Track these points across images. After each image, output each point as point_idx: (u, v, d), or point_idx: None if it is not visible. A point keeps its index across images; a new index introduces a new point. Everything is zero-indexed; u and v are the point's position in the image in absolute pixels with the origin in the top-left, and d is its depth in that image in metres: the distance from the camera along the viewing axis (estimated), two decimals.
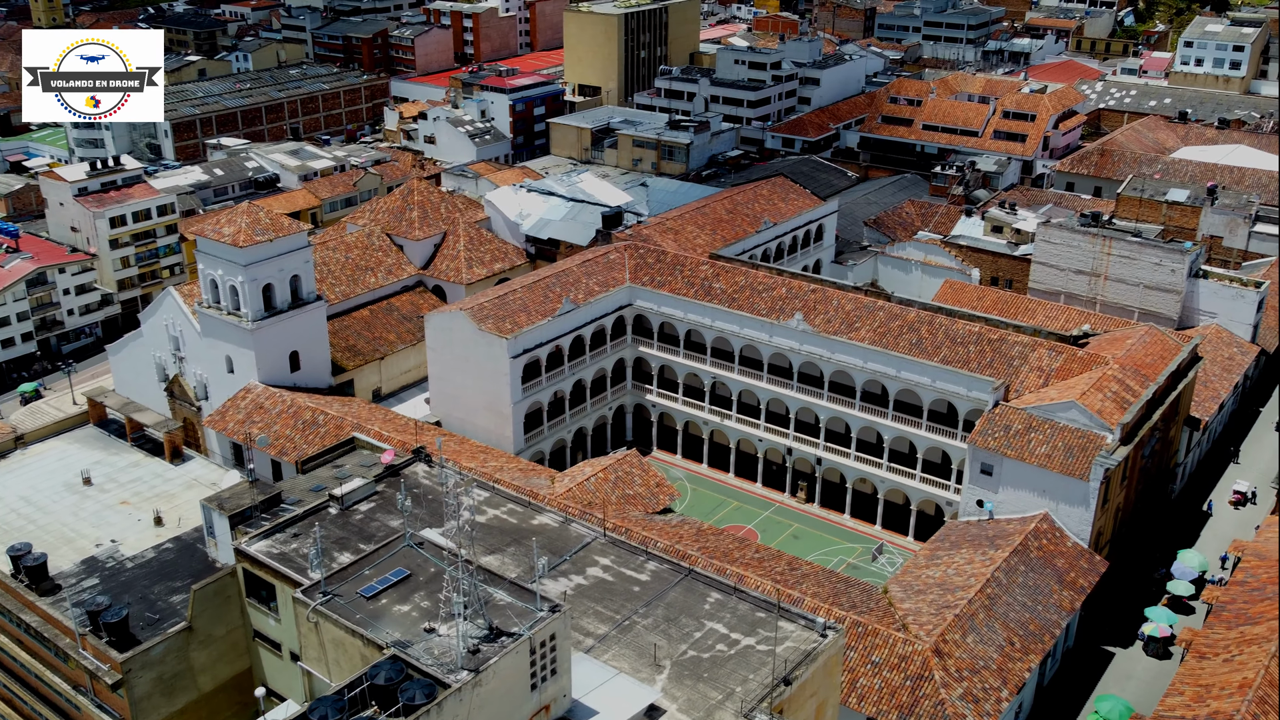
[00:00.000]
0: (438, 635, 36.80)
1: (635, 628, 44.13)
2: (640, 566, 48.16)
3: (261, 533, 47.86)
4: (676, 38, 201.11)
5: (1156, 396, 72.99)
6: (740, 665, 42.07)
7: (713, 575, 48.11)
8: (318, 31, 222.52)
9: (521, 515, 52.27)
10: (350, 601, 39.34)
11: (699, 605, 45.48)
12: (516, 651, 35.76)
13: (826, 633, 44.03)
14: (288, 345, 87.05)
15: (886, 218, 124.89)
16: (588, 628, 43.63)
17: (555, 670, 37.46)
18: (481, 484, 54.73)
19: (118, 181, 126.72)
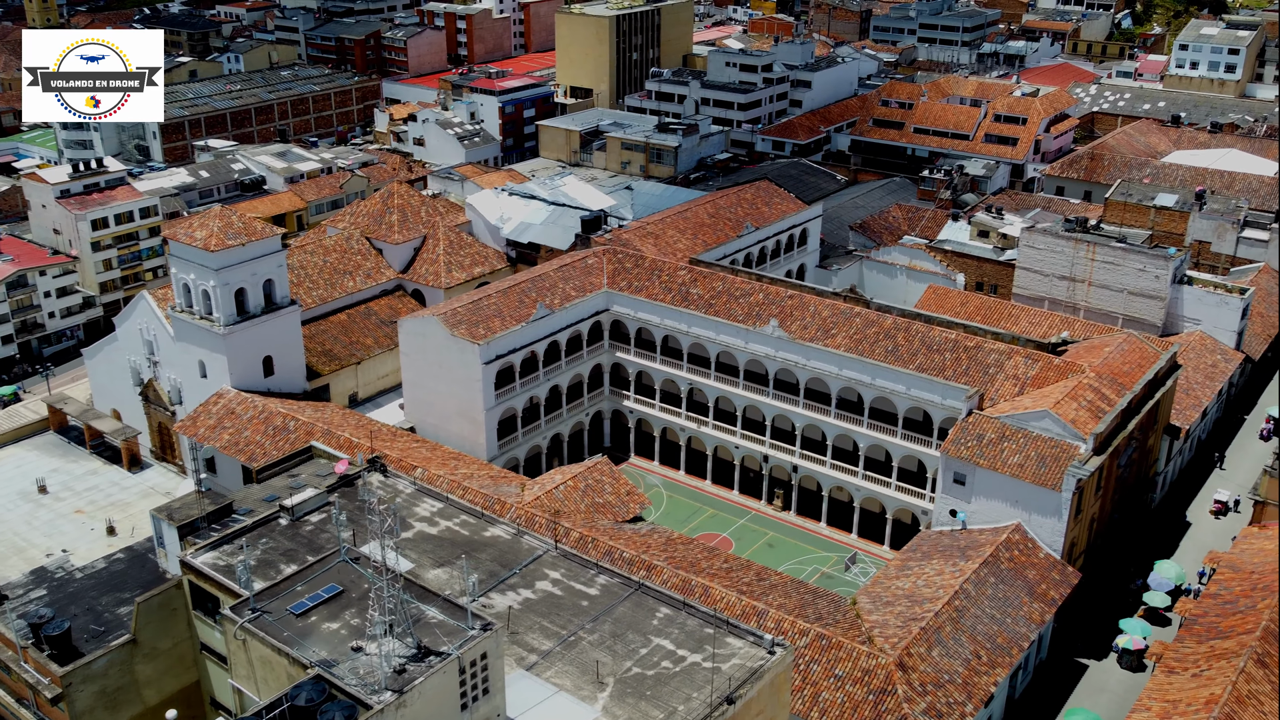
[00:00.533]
0: (365, 654, 36.15)
1: (581, 644, 43.38)
2: (590, 580, 47.43)
3: (208, 544, 47.19)
4: (669, 40, 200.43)
5: (1132, 405, 72.17)
6: (685, 683, 41.32)
7: (662, 590, 47.37)
8: (310, 33, 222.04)
9: (474, 527, 51.55)
10: (279, 618, 38.65)
11: (647, 621, 44.73)
12: (444, 671, 35.07)
13: (775, 649, 43.25)
14: (261, 350, 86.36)
15: (873, 222, 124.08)
16: (532, 643, 42.91)
17: (487, 690, 36.76)
18: (435, 495, 53.98)
19: (100, 184, 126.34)
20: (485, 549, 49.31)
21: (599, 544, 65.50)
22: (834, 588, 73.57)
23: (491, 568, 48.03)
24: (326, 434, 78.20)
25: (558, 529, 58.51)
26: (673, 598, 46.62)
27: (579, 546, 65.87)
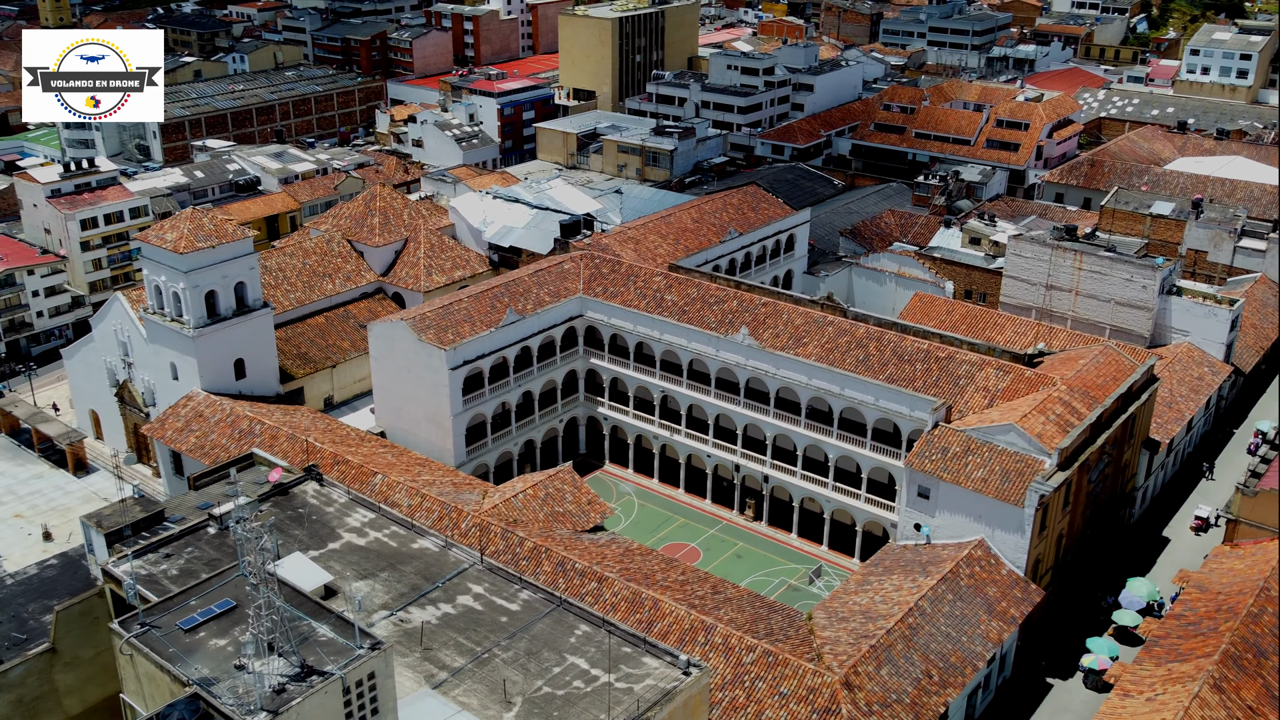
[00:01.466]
0: (248, 673, 35.45)
1: (494, 661, 42.52)
2: (513, 596, 46.59)
3: (132, 552, 46.64)
4: (674, 42, 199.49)
5: (1103, 419, 70.67)
6: (594, 704, 40.38)
7: (583, 607, 46.43)
8: (317, 33, 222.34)
9: (403, 539, 50.81)
10: (168, 634, 37.99)
11: (565, 639, 43.82)
12: (326, 692, 34.31)
13: (690, 670, 42.25)
14: (232, 353, 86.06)
15: (864, 227, 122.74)
16: (444, 660, 42.09)
17: (377, 710, 35.98)
18: (368, 505, 53.28)
19: (92, 183, 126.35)
20: (411, 561, 48.55)
21: (552, 554, 64.66)
22: (799, 600, 72.50)
23: (415, 581, 47.28)
24: (291, 438, 77.79)
25: (483, 542, 57.60)
26: (592, 615, 45.70)
27: (533, 556, 65.18)
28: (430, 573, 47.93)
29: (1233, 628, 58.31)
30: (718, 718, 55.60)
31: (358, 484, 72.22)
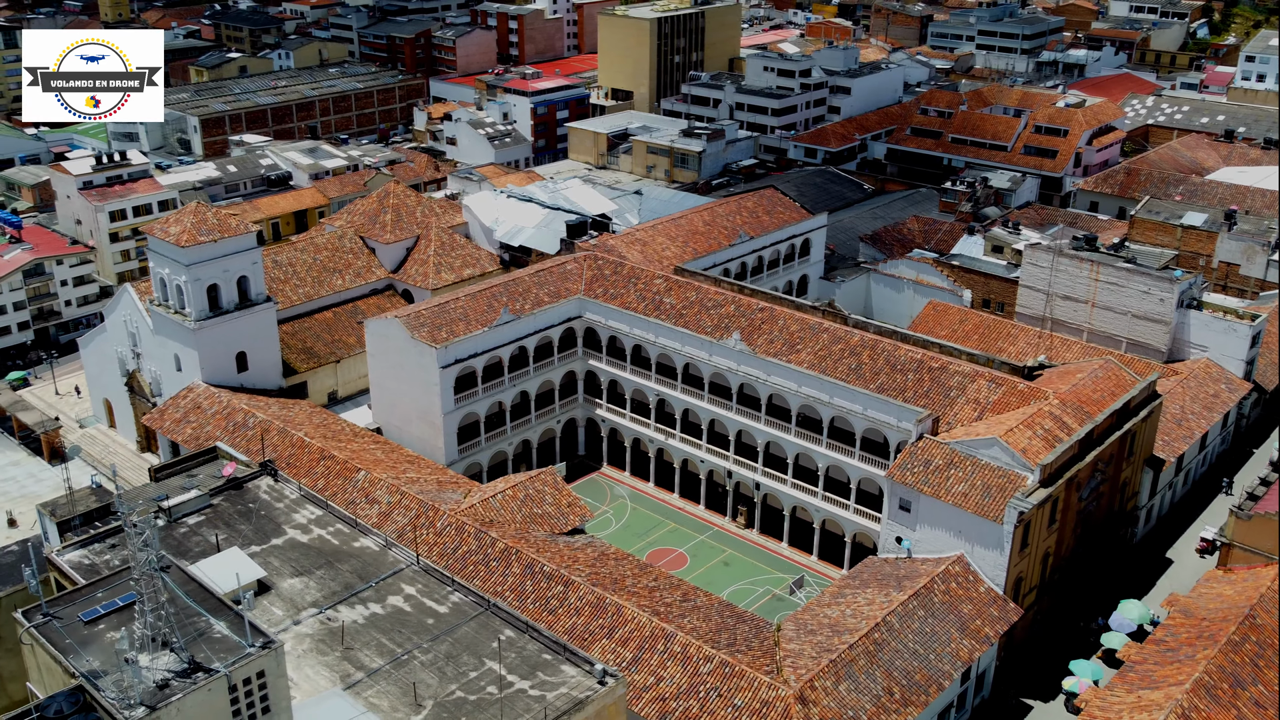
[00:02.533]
0: (137, 666, 35.58)
1: (412, 663, 42.35)
2: (444, 598, 46.37)
3: (78, 541, 47.24)
4: (714, 43, 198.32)
5: (1095, 435, 68.75)
6: (504, 710, 40.00)
7: (511, 611, 46.05)
8: (363, 31, 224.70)
9: (345, 537, 50.85)
10: (69, 625, 38.31)
11: (487, 643, 43.49)
12: (210, 689, 34.34)
13: (606, 680, 41.65)
14: (234, 346, 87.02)
15: (885, 233, 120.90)
16: (363, 660, 42.03)
17: (268, 709, 35.94)
18: (317, 501, 53.42)
19: (123, 176, 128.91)
20: (349, 560, 48.56)
21: (522, 555, 64.43)
22: (781, 611, 71.47)
23: (349, 579, 47.30)
24: (282, 432, 78.47)
25: (417, 541, 57.28)
26: (518, 620, 45.30)
27: (503, 558, 65.00)
28: (366, 572, 47.92)
29: (1210, 656, 56.35)
30: None
31: (340, 479, 72.62)
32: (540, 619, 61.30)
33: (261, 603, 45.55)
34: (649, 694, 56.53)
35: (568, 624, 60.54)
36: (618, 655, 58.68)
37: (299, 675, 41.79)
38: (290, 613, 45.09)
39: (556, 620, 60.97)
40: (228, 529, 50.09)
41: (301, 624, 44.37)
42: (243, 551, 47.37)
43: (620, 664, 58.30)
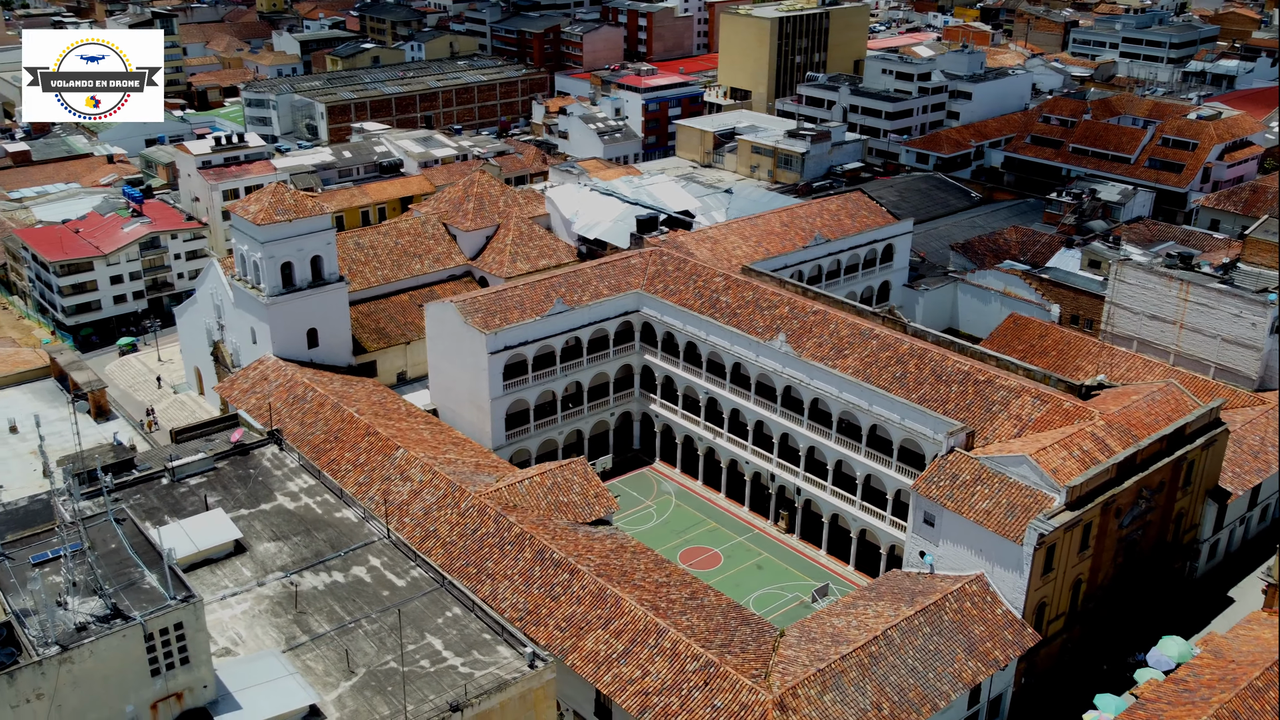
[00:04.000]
0: (64, 610, 37.59)
1: (357, 632, 43.47)
2: (404, 572, 47.37)
3: (86, 493, 50.10)
4: (839, 44, 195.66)
5: (1138, 460, 65.40)
6: (431, 684, 40.65)
7: (462, 589, 46.68)
8: (496, 25, 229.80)
9: (330, 507, 52.45)
10: (18, 566, 40.54)
11: (433, 618, 44.26)
12: (125, 636, 36.04)
13: (536, 664, 41.88)
14: (304, 322, 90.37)
15: (978, 242, 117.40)
16: (311, 625, 43.37)
17: (186, 660, 37.48)
18: (313, 471, 55.23)
19: (240, 157, 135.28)
20: (326, 529, 50.13)
21: (535, 541, 65.18)
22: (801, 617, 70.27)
23: (320, 547, 48.83)
24: (336, 407, 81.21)
25: (388, 516, 58.03)
26: (466, 598, 45.93)
27: (517, 542, 65.93)
28: (339, 541, 49.39)
29: (1224, 700, 53.07)
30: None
31: (380, 456, 74.83)
32: (543, 604, 62.17)
33: (234, 563, 47.57)
34: (633, 687, 56.58)
35: (567, 611, 61.10)
36: (610, 646, 58.95)
37: (249, 634, 43.51)
38: (257, 574, 46.91)
39: (558, 607, 61.61)
40: (224, 491, 52.39)
41: (265, 586, 46.12)
42: (226, 513, 49.53)
43: (611, 655, 58.64)
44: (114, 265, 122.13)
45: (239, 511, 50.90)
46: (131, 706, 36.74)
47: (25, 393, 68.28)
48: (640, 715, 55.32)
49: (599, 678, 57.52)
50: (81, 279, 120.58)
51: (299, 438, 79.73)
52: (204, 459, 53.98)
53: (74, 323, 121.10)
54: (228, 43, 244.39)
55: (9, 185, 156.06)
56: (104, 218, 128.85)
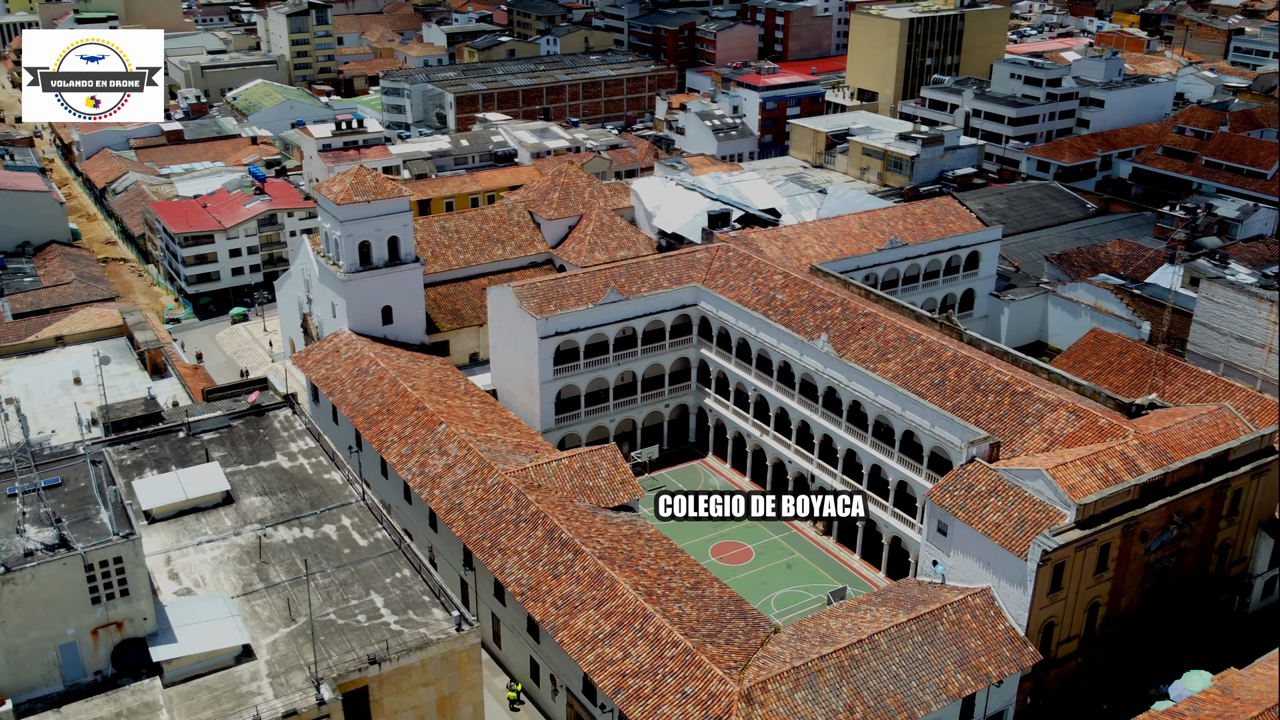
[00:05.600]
0: (20, 537, 40.99)
1: (311, 583, 45.85)
2: (369, 533, 49.67)
3: (107, 440, 54.37)
4: (975, 47, 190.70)
5: (1168, 483, 62.67)
6: (361, 638, 42.67)
7: (415, 553, 48.57)
8: (633, 21, 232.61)
9: (320, 469, 55.25)
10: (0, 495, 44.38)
11: (383, 578, 46.34)
12: (65, 564, 39.20)
13: (462, 627, 43.42)
14: (380, 300, 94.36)
15: (1075, 254, 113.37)
16: (270, 575, 46.03)
17: (127, 592, 40.43)
18: (315, 435, 58.20)
19: (359, 142, 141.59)
20: (311, 488, 52.92)
21: (547, 521, 66.91)
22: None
23: (300, 504, 51.61)
24: (393, 381, 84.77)
25: (363, 480, 60.07)
26: (415, 562, 47.81)
27: (532, 520, 67.84)
28: (319, 500, 52.13)
29: None
30: (620, 700, 56.07)
31: (424, 429, 77.90)
32: (544, 581, 63.88)
33: (219, 512, 50.89)
34: (613, 667, 57.67)
35: (565, 590, 62.61)
36: (598, 627, 60.19)
37: (212, 578, 46.60)
38: (237, 524, 50.08)
39: (558, 585, 63.20)
40: (230, 448, 55.93)
41: (240, 535, 49.21)
42: (222, 467, 52.93)
43: (598, 635, 59.88)
44: (233, 239, 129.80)
45: (238, 467, 54.35)
46: (72, 630, 40.13)
47: (95, 348, 73.73)
48: (614, 695, 56.42)
49: (583, 655, 58.81)
50: (203, 250, 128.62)
51: (356, 408, 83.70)
52: (218, 416, 57.76)
53: (195, 291, 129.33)
54: (381, 33, 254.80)
55: (162, 162, 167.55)
56: (230, 194, 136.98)
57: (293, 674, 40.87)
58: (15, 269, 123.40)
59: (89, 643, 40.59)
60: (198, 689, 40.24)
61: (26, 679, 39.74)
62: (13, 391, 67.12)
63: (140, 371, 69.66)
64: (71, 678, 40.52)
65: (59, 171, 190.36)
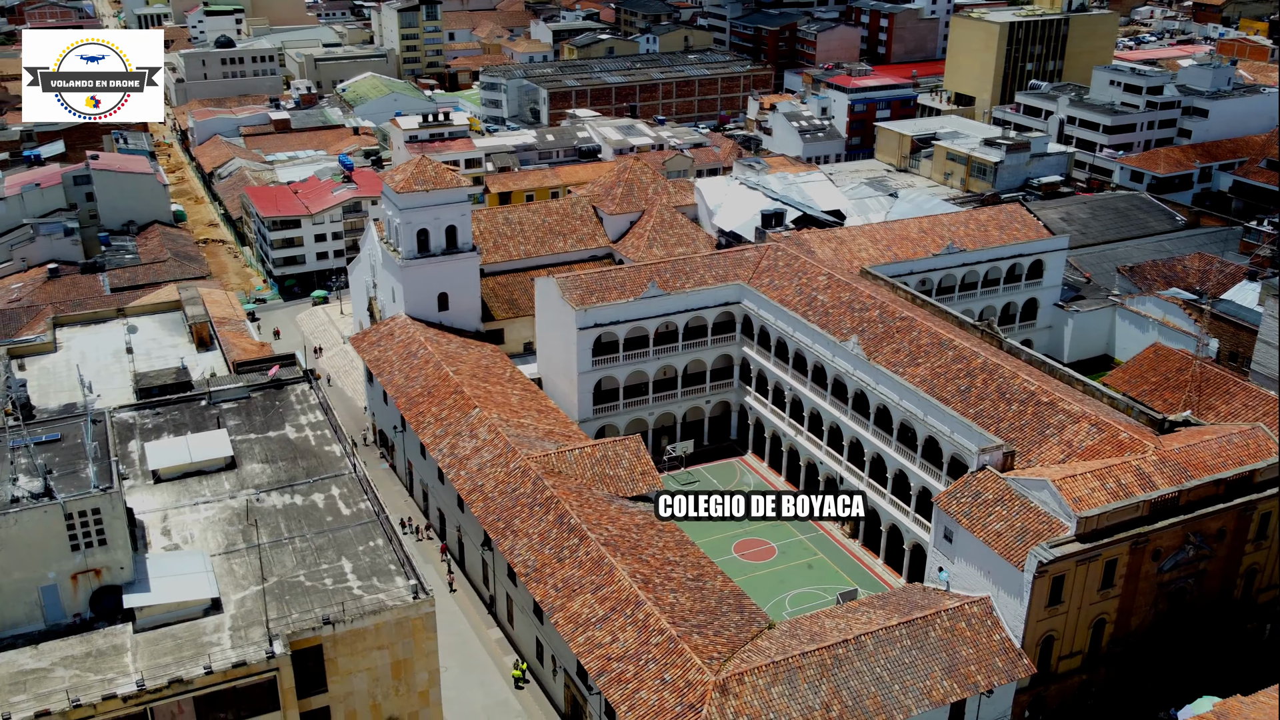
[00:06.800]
0: (13, 486, 44.13)
1: (288, 547, 48.22)
2: (354, 503, 51.87)
3: (133, 405, 57.97)
4: (1079, 53, 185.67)
5: (1181, 501, 60.98)
6: (323, 599, 44.74)
7: (391, 525, 50.51)
8: (735, 21, 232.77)
9: (323, 440, 57.75)
10: (4, 446, 47.58)
11: (355, 546, 48.39)
12: (45, 512, 42.17)
13: (419, 595, 45.17)
14: (436, 286, 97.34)
15: (1150, 267, 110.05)
16: (253, 536, 48.57)
17: (105, 542, 43.26)
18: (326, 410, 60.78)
19: (444, 134, 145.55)
20: (310, 458, 55.41)
21: (559, 506, 68.56)
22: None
23: (296, 473, 54.13)
24: (437, 366, 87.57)
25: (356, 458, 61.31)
26: (388, 532, 49.77)
27: (544, 504, 69.63)
28: (314, 470, 54.61)
29: None
30: (602, 682, 57.37)
31: (458, 412, 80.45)
32: (548, 564, 65.56)
33: (221, 476, 53.86)
34: (600, 650, 58.98)
35: (566, 574, 64.18)
36: (592, 611, 61.58)
37: (200, 536, 49.44)
38: (234, 488, 52.92)
39: (560, 568, 64.81)
40: (245, 417, 58.98)
41: (235, 499, 52.01)
42: (228, 434, 55.96)
43: (591, 619, 61.25)
44: (318, 225, 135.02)
45: (248, 435, 57.37)
46: (53, 574, 43.28)
47: (151, 320, 78.31)
48: (598, 677, 57.73)
49: (574, 637, 60.28)
50: (289, 234, 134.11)
51: (400, 389, 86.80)
52: (239, 388, 60.93)
53: (281, 273, 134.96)
54: (491, 29, 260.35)
55: (268, 149, 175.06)
56: (320, 182, 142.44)
57: (253, 629, 43.33)
58: (118, 246, 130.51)
59: (69, 587, 43.81)
60: (164, 636, 43.04)
61: (10, 616, 43.16)
62: (70, 357, 71.74)
63: (188, 345, 73.58)
64: (52, 618, 43.84)
65: (176, 156, 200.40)
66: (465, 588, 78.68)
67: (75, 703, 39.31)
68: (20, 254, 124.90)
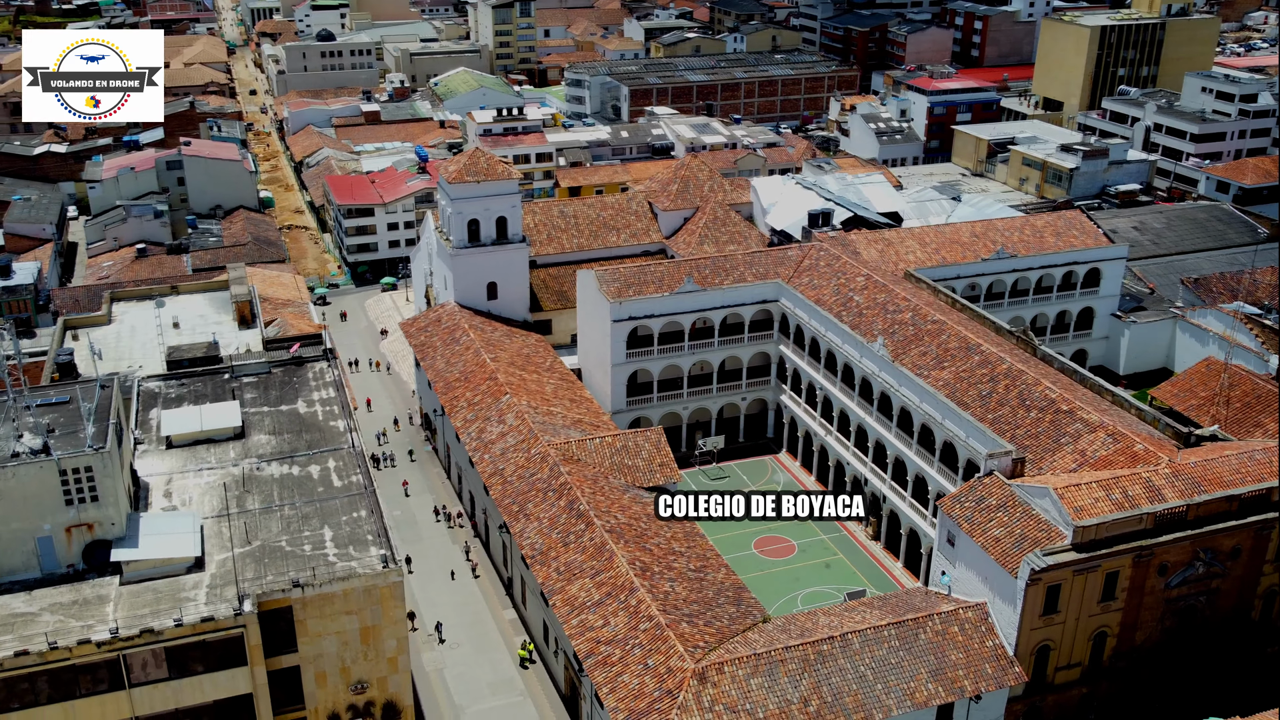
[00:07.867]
0: (18, 441, 47.08)
1: (278, 514, 50.47)
2: (346, 476, 53.93)
3: (160, 375, 61.21)
4: (1175, 59, 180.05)
5: (1189, 515, 59.58)
6: (298, 564, 46.77)
7: (378, 500, 52.40)
8: (825, 21, 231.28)
9: (330, 416, 60.06)
10: (20, 405, 50.59)
11: (343, 516, 50.37)
12: (40, 467, 45.00)
13: (388, 565, 46.89)
14: (486, 275, 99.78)
15: (1216, 280, 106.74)
16: (247, 502, 50.95)
17: (97, 498, 45.94)
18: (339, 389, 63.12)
19: (518, 128, 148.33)
20: (314, 432, 57.74)
21: (570, 492, 70.07)
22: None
23: (298, 445, 56.47)
24: (476, 353, 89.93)
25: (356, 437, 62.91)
26: (373, 506, 51.65)
27: (558, 490, 71.24)
28: (316, 443, 56.91)
29: None
30: (589, 665, 58.69)
31: (490, 398, 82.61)
32: (554, 547, 67.15)
33: (228, 445, 56.60)
34: (590, 634, 60.32)
35: (568, 558, 65.66)
36: (588, 595, 62.94)
37: (198, 499, 52.13)
38: (239, 456, 55.56)
39: (564, 552, 66.31)
40: (262, 391, 61.76)
41: (238, 467, 54.61)
42: (239, 406, 58.71)
43: (586, 603, 62.62)
44: (391, 214, 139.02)
45: (261, 408, 60.10)
46: (48, 526, 46.27)
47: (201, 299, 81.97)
48: (585, 659, 59.05)
49: (568, 619, 61.71)
50: (363, 222, 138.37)
51: (441, 373, 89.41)
52: (261, 363, 63.76)
53: (354, 260, 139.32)
54: (585, 27, 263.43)
55: (358, 140, 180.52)
56: (397, 172, 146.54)
57: (229, 588, 45.69)
58: (204, 229, 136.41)
59: (63, 539, 46.78)
60: (145, 589, 45.71)
61: (7, 564, 46.36)
62: (121, 330, 75.81)
63: (232, 321, 77.03)
64: (47, 567, 46.90)
65: (273, 145, 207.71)
66: (488, 569, 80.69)
67: (53, 644, 42.19)
68: (113, 234, 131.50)
